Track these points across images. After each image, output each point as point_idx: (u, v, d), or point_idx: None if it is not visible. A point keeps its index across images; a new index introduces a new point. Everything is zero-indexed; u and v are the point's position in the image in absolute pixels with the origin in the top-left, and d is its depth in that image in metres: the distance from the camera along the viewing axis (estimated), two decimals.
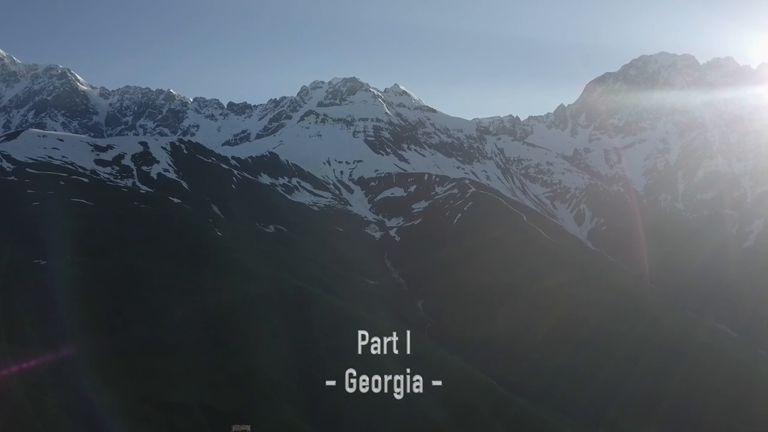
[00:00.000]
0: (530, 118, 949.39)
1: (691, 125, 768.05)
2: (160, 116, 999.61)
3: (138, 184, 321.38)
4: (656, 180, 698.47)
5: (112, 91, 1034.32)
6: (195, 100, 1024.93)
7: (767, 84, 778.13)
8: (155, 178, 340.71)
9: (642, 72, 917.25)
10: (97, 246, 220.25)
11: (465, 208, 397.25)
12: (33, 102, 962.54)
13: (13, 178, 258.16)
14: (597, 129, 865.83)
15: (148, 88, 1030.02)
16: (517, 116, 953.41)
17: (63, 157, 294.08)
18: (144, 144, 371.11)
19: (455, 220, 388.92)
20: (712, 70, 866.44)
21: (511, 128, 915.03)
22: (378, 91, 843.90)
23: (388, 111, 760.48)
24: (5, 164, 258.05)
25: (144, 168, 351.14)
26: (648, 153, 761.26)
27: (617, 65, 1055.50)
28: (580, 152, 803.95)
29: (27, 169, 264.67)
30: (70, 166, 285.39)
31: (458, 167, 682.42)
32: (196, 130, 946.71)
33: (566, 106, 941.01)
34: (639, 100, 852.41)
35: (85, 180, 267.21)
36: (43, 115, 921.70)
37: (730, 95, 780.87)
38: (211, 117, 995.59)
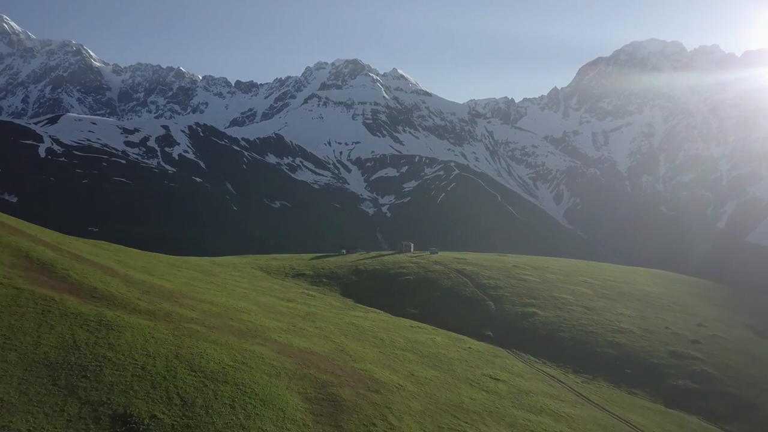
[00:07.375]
0: (524, 100, 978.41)
1: (675, 110, 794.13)
2: (170, 93, 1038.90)
3: (163, 164, 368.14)
4: (639, 162, 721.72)
5: (125, 67, 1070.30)
6: (204, 78, 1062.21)
7: (750, 71, 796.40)
8: (177, 158, 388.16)
9: (633, 57, 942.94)
10: (137, 216, 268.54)
11: (449, 189, 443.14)
12: (49, 78, 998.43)
13: (63, 159, 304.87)
14: (587, 112, 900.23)
15: (159, 66, 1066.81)
16: (512, 98, 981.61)
17: (98, 139, 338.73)
18: (166, 127, 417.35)
19: (439, 199, 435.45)
20: (698, 57, 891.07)
21: (506, 109, 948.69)
22: (377, 74, 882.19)
23: (386, 95, 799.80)
24: (56, 147, 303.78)
25: (167, 149, 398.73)
26: (633, 136, 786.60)
27: (609, 50, 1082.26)
28: (569, 134, 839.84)
29: (74, 152, 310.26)
30: (107, 149, 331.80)
31: (449, 149, 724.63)
32: (206, 108, 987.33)
33: (559, 88, 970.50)
34: (628, 84, 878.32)
35: (123, 162, 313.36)
36: (59, 90, 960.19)
37: (714, 81, 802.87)
38: (220, 95, 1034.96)
